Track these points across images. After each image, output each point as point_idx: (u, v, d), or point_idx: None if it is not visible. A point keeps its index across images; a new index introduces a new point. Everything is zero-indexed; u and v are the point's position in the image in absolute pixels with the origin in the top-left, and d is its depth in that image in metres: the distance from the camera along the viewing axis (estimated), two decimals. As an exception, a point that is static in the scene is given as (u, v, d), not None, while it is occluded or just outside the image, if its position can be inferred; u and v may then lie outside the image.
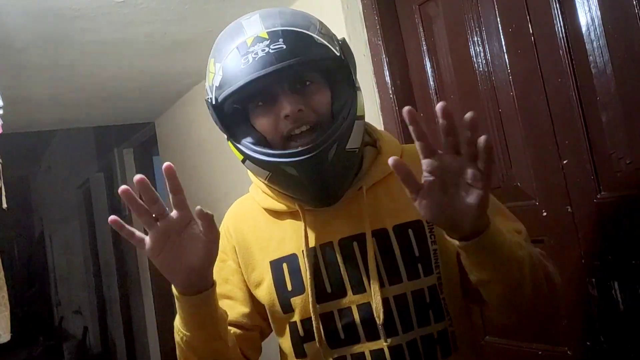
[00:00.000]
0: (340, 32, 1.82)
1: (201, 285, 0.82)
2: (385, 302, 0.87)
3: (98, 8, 1.79)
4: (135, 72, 2.58)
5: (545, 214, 1.34)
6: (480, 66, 1.48)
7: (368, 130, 0.99)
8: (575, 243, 1.28)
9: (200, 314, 0.84)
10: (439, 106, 0.67)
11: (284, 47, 0.82)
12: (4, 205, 1.83)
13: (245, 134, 0.89)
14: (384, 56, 1.72)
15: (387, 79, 1.72)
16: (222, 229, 1.02)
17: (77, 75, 2.46)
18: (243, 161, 0.91)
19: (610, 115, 1.20)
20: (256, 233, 0.97)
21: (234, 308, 0.98)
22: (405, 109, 0.68)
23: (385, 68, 1.72)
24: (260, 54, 0.81)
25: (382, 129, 1.76)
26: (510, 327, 1.43)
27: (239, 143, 0.89)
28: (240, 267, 0.98)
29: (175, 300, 0.85)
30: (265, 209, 0.98)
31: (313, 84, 0.87)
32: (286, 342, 0.95)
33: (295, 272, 0.92)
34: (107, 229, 4.92)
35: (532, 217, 1.37)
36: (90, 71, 2.43)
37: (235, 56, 0.84)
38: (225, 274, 0.99)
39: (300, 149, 0.83)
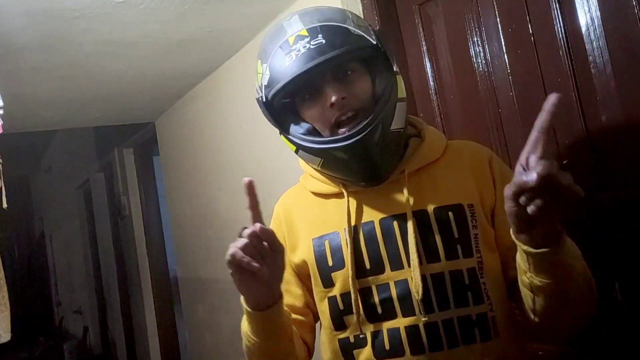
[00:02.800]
0: (340, 32, 1.83)
1: (270, 301, 0.87)
2: (423, 279, 0.90)
3: (98, 8, 1.79)
4: (135, 72, 2.58)
5: (545, 214, 1.34)
6: (480, 66, 1.48)
7: (413, 122, 1.05)
8: (575, 243, 1.28)
9: (269, 326, 0.89)
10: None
11: (323, 41, 0.88)
12: (4, 205, 1.84)
13: (296, 126, 0.95)
14: (384, 56, 1.72)
15: (387, 79, 1.72)
16: (274, 216, 1.09)
17: (77, 75, 2.46)
18: (296, 151, 0.97)
19: (610, 115, 1.20)
20: (303, 214, 1.04)
21: (287, 291, 1.02)
22: None
23: (385, 68, 1.72)
24: (302, 50, 0.88)
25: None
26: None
27: (291, 135, 0.95)
28: (288, 251, 1.02)
29: (245, 312, 0.89)
30: (313, 192, 1.04)
31: (354, 72, 0.93)
32: (326, 315, 0.99)
33: (336, 248, 0.96)
34: (107, 229, 4.92)
35: (532, 217, 1.37)
36: (90, 71, 2.43)
37: (280, 55, 0.91)
38: None
39: (347, 134, 0.89)
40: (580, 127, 1.25)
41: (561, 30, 1.26)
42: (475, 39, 1.48)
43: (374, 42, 0.93)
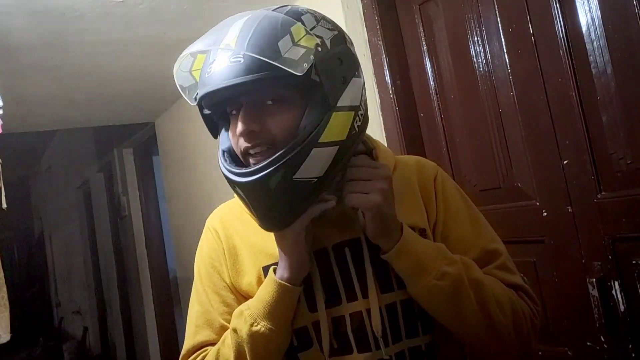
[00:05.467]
0: (340, 32, 1.83)
1: (306, 271, 0.85)
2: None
3: (98, 8, 1.79)
4: (135, 72, 2.58)
5: (545, 214, 1.34)
6: (480, 66, 1.48)
7: (363, 139, 0.95)
8: (575, 243, 1.28)
9: (293, 305, 0.85)
10: None
11: (241, 61, 0.76)
12: (4, 206, 1.83)
13: (222, 137, 0.87)
14: (384, 56, 1.72)
15: (387, 79, 1.72)
16: (210, 230, 0.99)
17: (77, 75, 2.46)
18: None
19: (610, 115, 1.20)
20: (246, 238, 0.94)
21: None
22: None
23: (385, 68, 1.72)
24: (221, 65, 0.78)
25: (382, 129, 1.77)
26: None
27: (218, 146, 0.87)
28: (229, 272, 0.94)
29: (273, 292, 0.84)
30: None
31: (275, 103, 0.80)
32: None
33: None
34: (106, 229, 4.92)
35: (532, 217, 1.37)
36: (90, 71, 2.43)
37: (207, 59, 0.81)
38: (219, 281, 0.96)
39: (244, 170, 0.79)
40: (580, 127, 1.25)
41: (561, 30, 1.26)
42: (475, 38, 1.48)
43: (302, 73, 0.74)
